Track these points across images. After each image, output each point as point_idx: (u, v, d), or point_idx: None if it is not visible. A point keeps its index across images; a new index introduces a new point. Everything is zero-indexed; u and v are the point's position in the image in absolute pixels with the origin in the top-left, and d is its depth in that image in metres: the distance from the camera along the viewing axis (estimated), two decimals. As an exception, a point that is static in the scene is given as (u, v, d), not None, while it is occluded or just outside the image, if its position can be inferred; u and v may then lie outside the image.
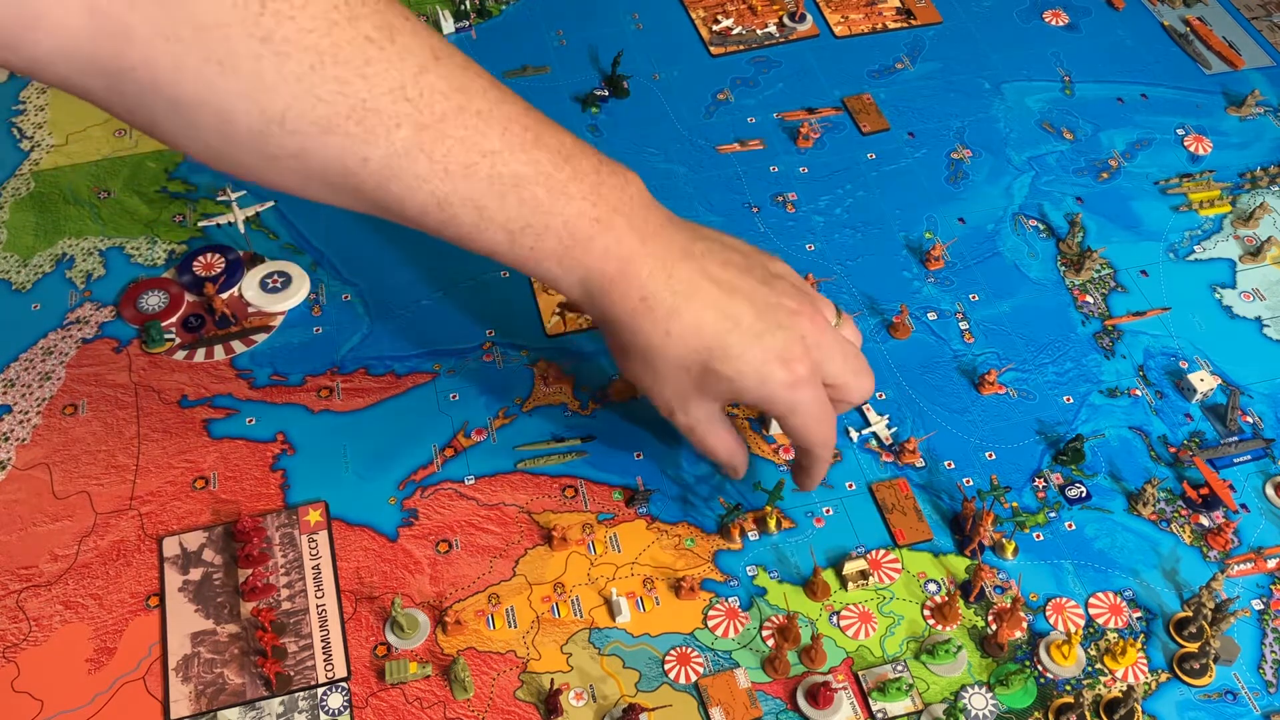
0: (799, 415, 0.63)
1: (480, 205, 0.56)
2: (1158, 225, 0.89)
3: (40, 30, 0.48)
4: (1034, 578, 0.69)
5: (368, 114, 0.52)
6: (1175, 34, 1.04)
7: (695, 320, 0.61)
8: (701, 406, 0.64)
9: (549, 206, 0.57)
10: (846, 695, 0.64)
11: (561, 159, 0.58)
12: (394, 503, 0.72)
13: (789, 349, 0.61)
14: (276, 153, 0.53)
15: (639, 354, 0.62)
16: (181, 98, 0.50)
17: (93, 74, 0.50)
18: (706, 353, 0.61)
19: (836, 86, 0.99)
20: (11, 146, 0.93)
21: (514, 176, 0.56)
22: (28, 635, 0.66)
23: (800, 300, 0.64)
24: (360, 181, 0.54)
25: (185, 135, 0.52)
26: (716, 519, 0.71)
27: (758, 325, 0.61)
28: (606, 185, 0.59)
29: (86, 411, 0.76)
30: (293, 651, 0.65)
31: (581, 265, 0.59)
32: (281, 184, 0.55)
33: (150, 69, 0.49)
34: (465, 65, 0.56)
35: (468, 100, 0.55)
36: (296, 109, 0.51)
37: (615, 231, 0.59)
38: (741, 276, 0.63)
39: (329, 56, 0.50)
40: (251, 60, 0.49)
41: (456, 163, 0.55)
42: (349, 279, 0.84)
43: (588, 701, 0.64)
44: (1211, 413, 0.77)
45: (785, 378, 0.61)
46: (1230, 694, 0.64)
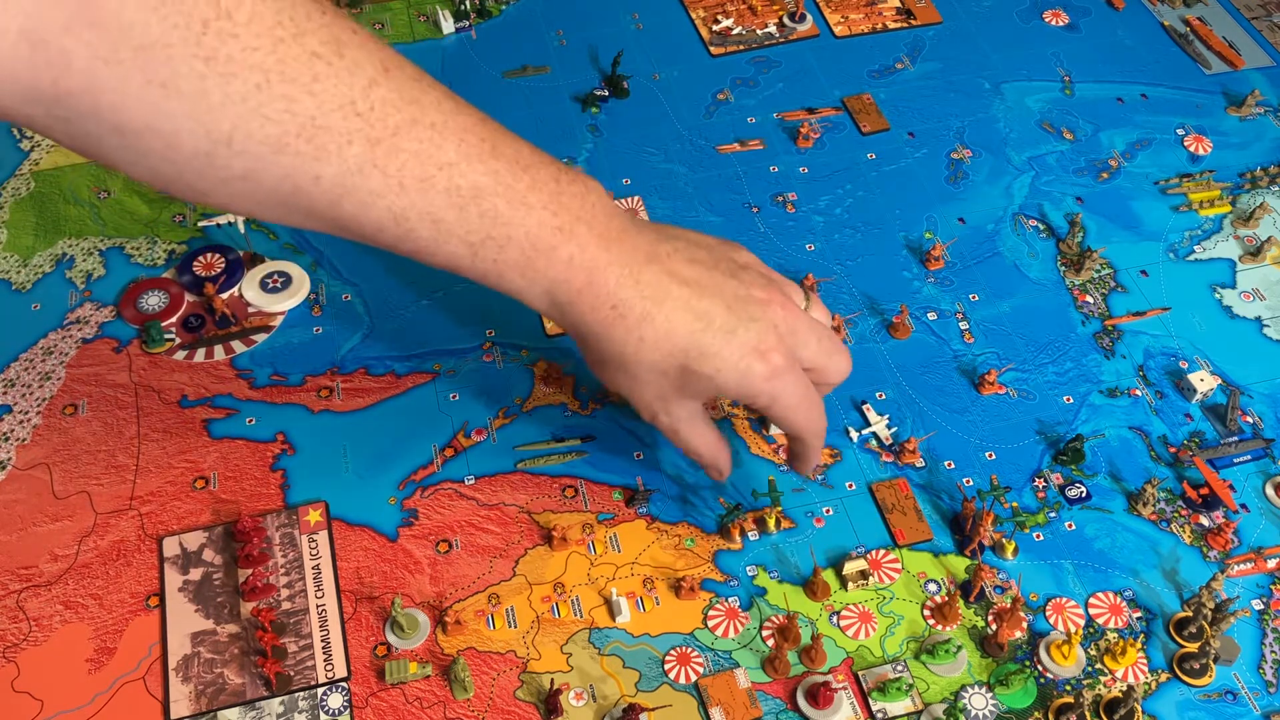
0: (782, 404, 0.63)
1: (438, 219, 0.55)
2: (1158, 225, 0.89)
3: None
4: (1034, 578, 0.69)
5: (318, 131, 0.51)
6: (1175, 34, 1.04)
7: (667, 323, 0.60)
8: (683, 406, 0.64)
9: (509, 217, 0.56)
10: (846, 695, 0.64)
11: (520, 169, 0.57)
12: (394, 503, 0.72)
13: (763, 340, 0.61)
14: (225, 175, 0.51)
15: (614, 362, 0.62)
16: (125, 123, 0.49)
17: (33, 102, 0.48)
18: (683, 355, 0.61)
19: (836, 86, 0.99)
20: (11, 146, 0.93)
21: (472, 188, 0.55)
22: (28, 635, 0.66)
23: (769, 289, 0.63)
24: (313, 200, 0.53)
25: (132, 161, 0.51)
26: (716, 519, 0.71)
27: (730, 320, 0.61)
28: (567, 193, 0.58)
29: (86, 411, 0.76)
30: (293, 651, 0.65)
31: (546, 276, 0.59)
32: (233, 206, 0.54)
33: (91, 95, 0.48)
34: (417, 77, 0.54)
35: (421, 112, 0.53)
36: (244, 129, 0.50)
37: (578, 239, 0.58)
38: (709, 273, 0.62)
39: (275, 74, 0.49)
40: (195, 81, 0.48)
41: (412, 177, 0.53)
42: (349, 279, 0.84)
43: (588, 701, 0.64)
44: (1211, 413, 0.77)
45: (763, 370, 0.61)
46: (1230, 694, 0.64)
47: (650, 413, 0.65)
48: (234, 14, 0.48)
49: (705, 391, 0.63)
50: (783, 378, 0.62)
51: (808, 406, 0.65)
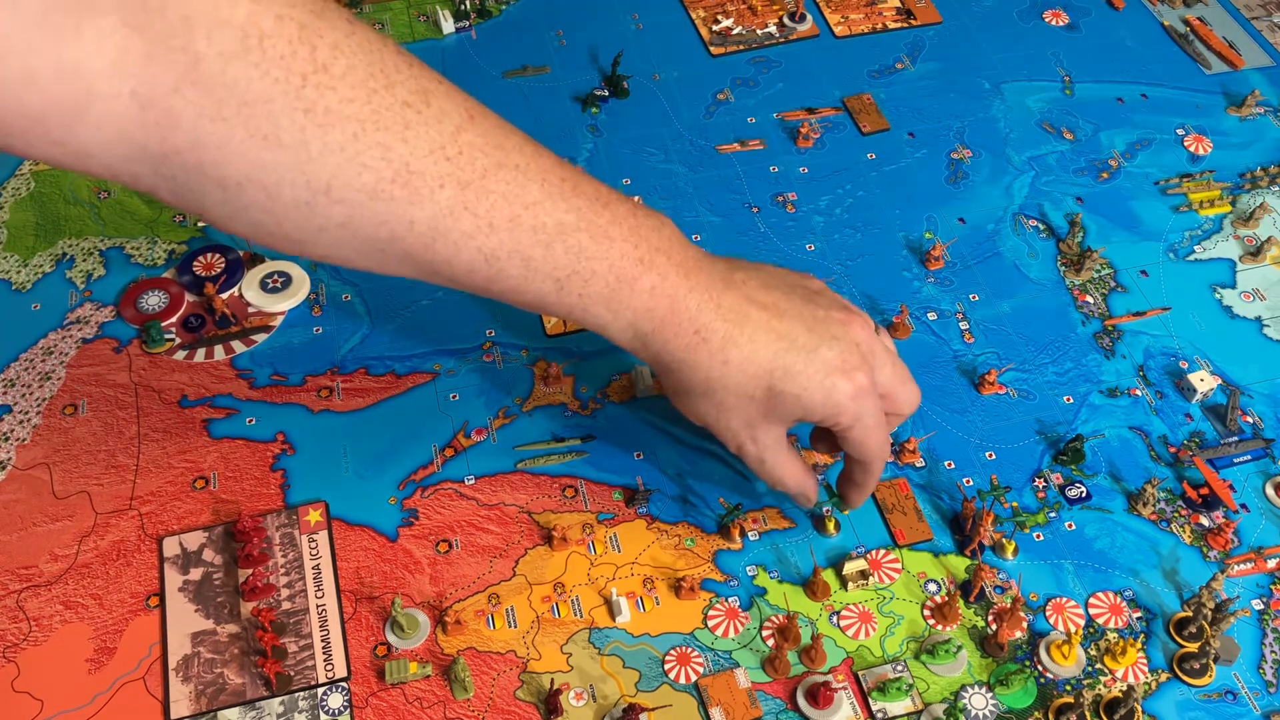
0: (864, 425, 0.63)
1: (526, 256, 0.57)
2: (1158, 225, 0.89)
3: (88, 122, 0.48)
4: (1034, 578, 0.69)
5: (411, 176, 0.53)
6: (1175, 34, 1.04)
7: (751, 345, 0.61)
8: (769, 433, 0.64)
9: (593, 251, 0.58)
10: (846, 695, 0.64)
11: (600, 205, 0.59)
12: (394, 503, 0.72)
13: (847, 359, 0.62)
14: (324, 223, 0.53)
15: (699, 389, 0.63)
16: (228, 177, 0.51)
17: (140, 161, 0.50)
18: (768, 376, 0.61)
19: (836, 86, 0.99)
20: (11, 146, 0.93)
21: (557, 225, 0.57)
22: (28, 635, 0.66)
23: (845, 311, 0.64)
24: (408, 245, 0.55)
25: (233, 214, 0.53)
26: (716, 519, 0.71)
27: (812, 340, 0.62)
28: (644, 226, 0.60)
29: (86, 411, 0.76)
30: (293, 651, 0.65)
31: (629, 307, 0.60)
32: (330, 255, 0.56)
33: (196, 151, 0.50)
34: (500, 123, 0.57)
35: (505, 156, 0.56)
36: (342, 177, 0.52)
37: (659, 269, 0.60)
38: (785, 297, 0.63)
39: (370, 123, 0.51)
40: (296, 133, 0.50)
41: (500, 216, 0.55)
42: (349, 279, 0.84)
43: (588, 701, 0.64)
44: (1211, 413, 0.77)
45: (849, 388, 0.62)
46: (1230, 694, 0.64)
47: (737, 441, 0.65)
48: (330, 68, 0.50)
49: (791, 413, 0.63)
50: (867, 397, 0.63)
51: (882, 431, 0.65)
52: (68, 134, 0.49)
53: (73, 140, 0.49)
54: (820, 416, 0.63)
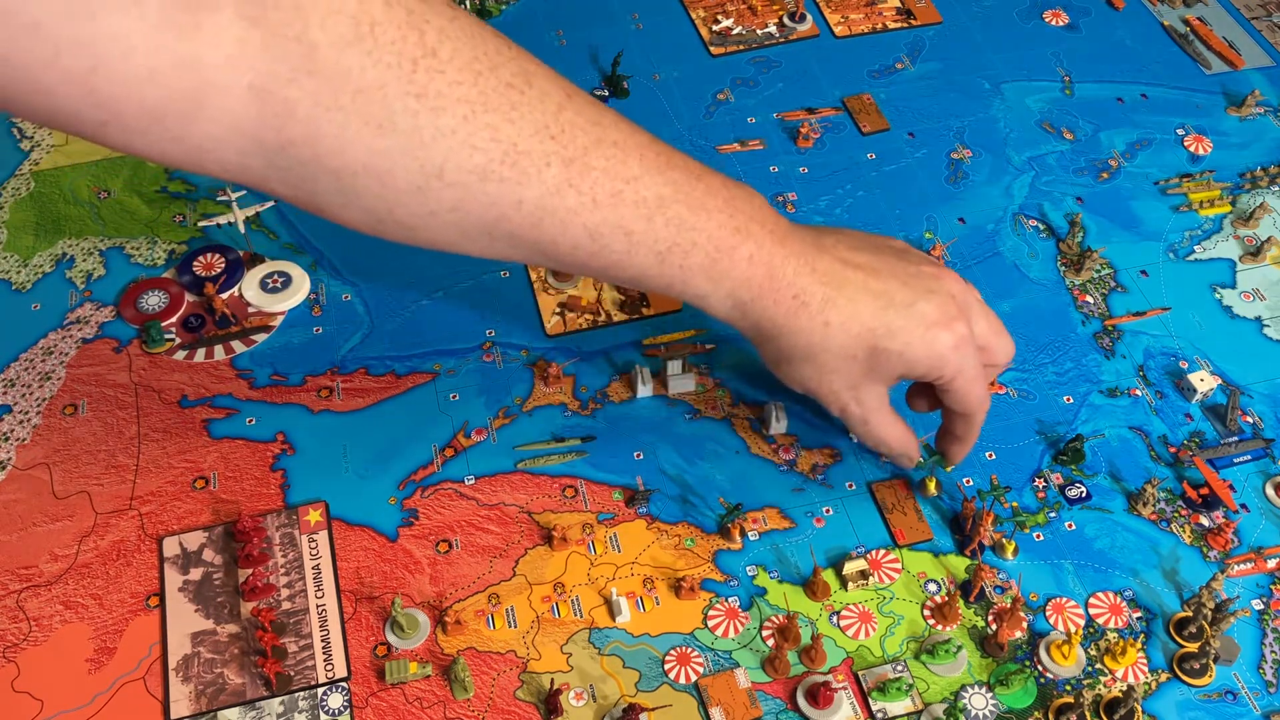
0: (966, 375, 0.64)
1: (629, 230, 0.58)
2: (1158, 225, 0.89)
3: (204, 118, 0.49)
4: (1034, 578, 0.69)
5: (519, 156, 0.54)
6: (1175, 34, 1.04)
7: (851, 306, 0.62)
8: (872, 392, 0.66)
9: (692, 223, 0.59)
10: (846, 695, 0.64)
11: (694, 178, 0.60)
12: (394, 503, 0.72)
13: (945, 310, 0.63)
14: (435, 207, 0.54)
15: (801, 353, 0.64)
16: (343, 166, 0.52)
17: (254, 154, 0.51)
18: (871, 335, 0.62)
19: (836, 86, 0.99)
20: (12, 146, 0.93)
21: (657, 198, 0.58)
22: (28, 635, 0.66)
23: (936, 265, 0.66)
24: (515, 226, 0.56)
25: (345, 204, 0.54)
26: (716, 519, 0.71)
27: (909, 295, 0.63)
28: (737, 197, 0.61)
29: (86, 411, 0.76)
30: (293, 651, 0.65)
31: (729, 276, 0.61)
32: (439, 240, 0.57)
33: (312, 141, 0.51)
34: (593, 102, 0.58)
35: (604, 132, 0.57)
36: (454, 160, 0.53)
37: (755, 238, 0.61)
38: (876, 256, 0.64)
39: (479, 105, 0.52)
40: (409, 117, 0.51)
41: (603, 192, 0.57)
42: (349, 279, 0.84)
43: (588, 701, 0.64)
44: (1211, 413, 0.77)
45: (950, 339, 0.63)
46: (1230, 694, 0.64)
47: (840, 403, 0.66)
48: (438, 52, 0.51)
49: (894, 371, 0.64)
50: (968, 347, 0.64)
51: (982, 382, 0.66)
52: (186, 129, 0.49)
53: (191, 136, 0.50)
54: (923, 370, 0.64)
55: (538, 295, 0.83)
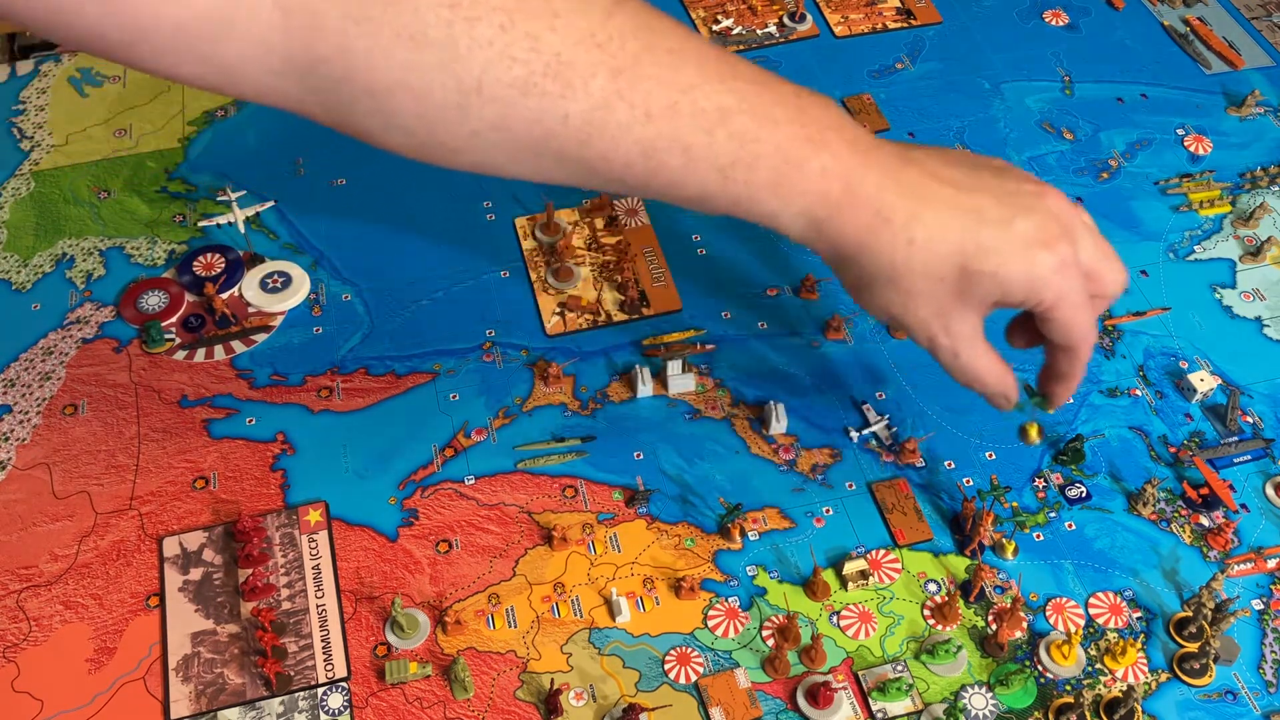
0: (1069, 303, 0.58)
1: (687, 145, 0.54)
2: (1158, 225, 0.89)
3: (233, 37, 0.48)
4: (1034, 578, 0.69)
5: (563, 67, 0.50)
6: (1175, 34, 1.04)
7: (938, 222, 0.56)
8: (964, 321, 0.59)
9: (758, 134, 0.54)
10: (846, 695, 0.64)
11: (760, 86, 0.55)
12: (394, 503, 0.72)
13: (1046, 229, 0.57)
14: (476, 125, 0.51)
15: (884, 277, 0.58)
16: (377, 82, 0.50)
17: (287, 74, 0.50)
18: (960, 254, 0.56)
19: (836, 86, 0.99)
20: (11, 146, 0.93)
21: (718, 109, 0.53)
22: (28, 635, 0.66)
23: (1038, 183, 0.60)
24: (563, 143, 0.52)
25: (384, 125, 0.52)
26: (716, 519, 0.71)
27: (1004, 212, 0.57)
28: (810, 105, 0.56)
29: (86, 411, 0.76)
30: (293, 651, 0.65)
31: (800, 192, 0.56)
32: (484, 162, 0.54)
33: (344, 57, 0.49)
34: (646, 6, 0.54)
35: (657, 38, 0.53)
36: (492, 73, 0.50)
37: (831, 148, 0.56)
38: (970, 173, 0.59)
39: (517, 13, 0.49)
40: (443, 29, 0.49)
41: (657, 104, 0.52)
42: (349, 279, 0.84)
43: (588, 701, 0.64)
44: (1211, 413, 0.77)
45: (1052, 260, 0.57)
46: (1230, 694, 0.64)
47: (927, 333, 0.60)
48: None
49: (987, 295, 0.58)
50: (1071, 270, 0.57)
51: (1088, 311, 0.59)
52: (214, 48, 0.48)
53: (219, 55, 0.48)
54: (1021, 297, 0.58)
55: (538, 295, 0.83)
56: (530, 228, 0.87)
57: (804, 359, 0.80)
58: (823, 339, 0.81)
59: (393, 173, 0.90)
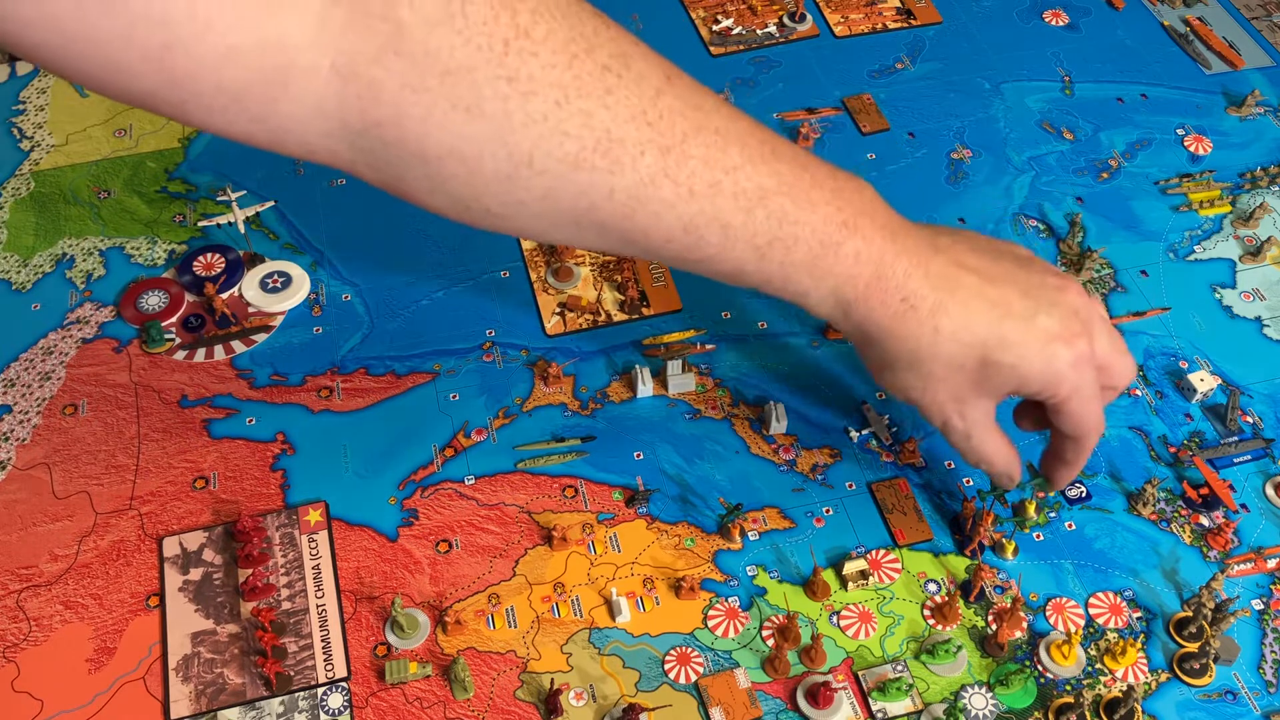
0: (1080, 396, 0.60)
1: (726, 223, 0.55)
2: (1158, 225, 0.89)
3: (287, 98, 0.48)
4: (1034, 578, 0.69)
5: (613, 144, 0.51)
6: (1175, 34, 1.04)
7: (964, 313, 0.58)
8: (978, 408, 0.62)
9: (796, 216, 0.56)
10: (846, 695, 0.64)
11: (800, 168, 0.56)
12: (394, 503, 0.72)
13: (1067, 326, 0.59)
14: (524, 196, 0.52)
15: (906, 361, 0.60)
16: (429, 150, 0.50)
17: (338, 136, 0.50)
18: (982, 346, 0.58)
19: (836, 86, 0.99)
20: (11, 146, 0.93)
21: (758, 190, 0.55)
22: (28, 635, 0.66)
23: (1060, 276, 0.61)
24: (606, 216, 0.53)
25: (432, 190, 0.52)
26: (716, 519, 0.71)
27: (1029, 306, 0.59)
28: (846, 189, 0.58)
29: (86, 411, 0.76)
30: (293, 651, 0.65)
31: (833, 273, 0.58)
32: (525, 229, 0.55)
33: (397, 124, 0.49)
34: (694, 84, 0.55)
35: (705, 119, 0.54)
36: (544, 147, 0.50)
37: (863, 233, 0.57)
38: (995, 262, 0.60)
39: (573, 90, 0.50)
40: (499, 102, 0.49)
41: (701, 182, 0.54)
42: (349, 279, 0.84)
43: (588, 701, 0.64)
44: (1211, 413, 0.77)
45: (1069, 355, 0.59)
46: (1230, 694, 0.64)
47: (943, 416, 0.62)
48: (531, 33, 0.48)
49: (1005, 385, 0.60)
50: (1087, 365, 0.59)
51: (1098, 404, 0.62)
52: (268, 110, 0.48)
53: (273, 116, 0.48)
54: (1036, 388, 0.60)
55: (538, 295, 0.83)
56: (530, 228, 0.87)
57: (804, 359, 0.80)
58: (823, 339, 0.81)
59: (393, 173, 0.90)
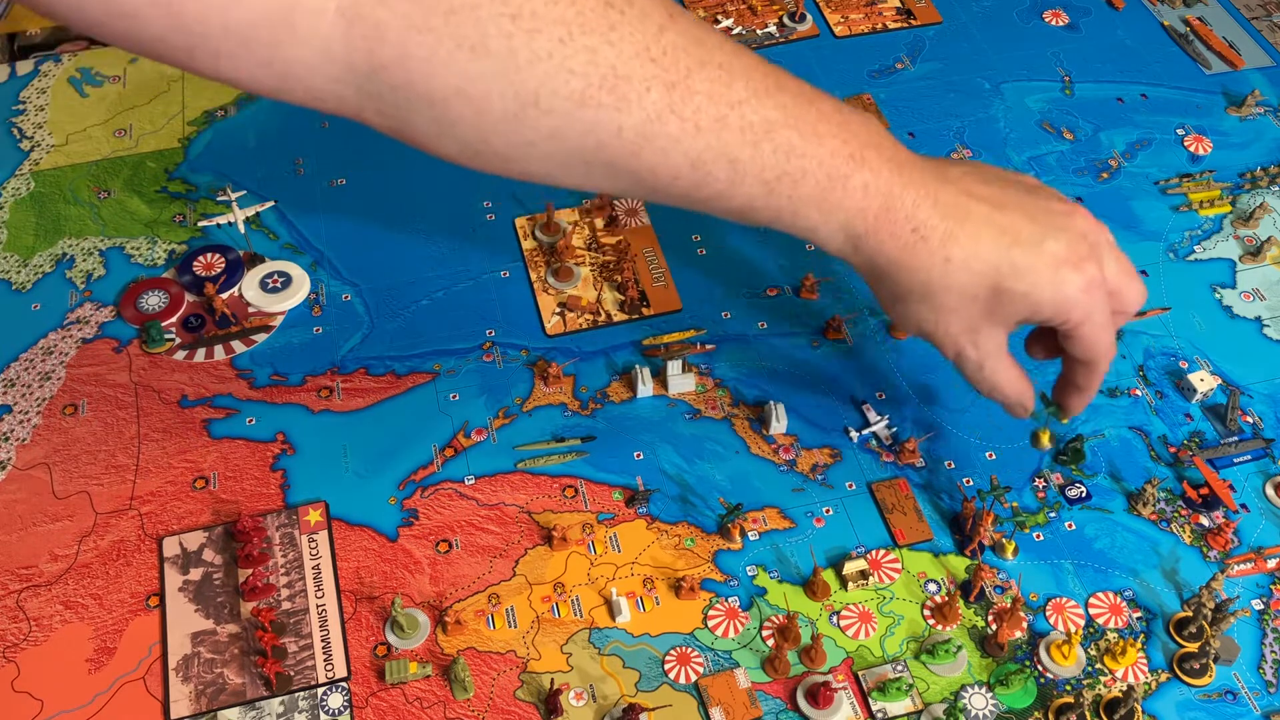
0: (1092, 321, 0.61)
1: (734, 158, 0.55)
2: (1158, 225, 0.89)
3: (294, 41, 0.49)
4: (1034, 578, 0.69)
5: (619, 81, 0.51)
6: (1175, 34, 1.04)
7: (973, 241, 0.59)
8: (992, 337, 0.62)
9: (803, 149, 0.56)
10: (846, 695, 0.64)
11: (805, 101, 0.56)
12: (394, 503, 0.72)
13: (1075, 249, 0.59)
14: (532, 136, 0.52)
15: (918, 292, 0.60)
16: (435, 91, 0.50)
17: (345, 80, 0.50)
18: (994, 273, 0.59)
19: (836, 86, 0.99)
20: (11, 146, 0.93)
21: (765, 123, 0.55)
22: (28, 635, 0.66)
23: (1067, 202, 0.62)
24: (614, 154, 0.54)
25: (439, 133, 0.52)
26: (716, 519, 0.71)
27: (1037, 232, 0.59)
28: (853, 122, 0.58)
29: (86, 411, 0.76)
30: (293, 651, 0.65)
31: (842, 207, 0.58)
32: (534, 171, 0.55)
33: (403, 65, 0.49)
34: (697, 21, 0.55)
35: (708, 54, 0.54)
36: (550, 85, 0.50)
37: (871, 165, 0.57)
38: (1003, 191, 0.61)
39: (576, 27, 0.50)
40: (503, 40, 0.49)
41: (707, 117, 0.54)
42: (349, 279, 0.84)
43: (588, 701, 0.64)
44: (1211, 413, 0.77)
45: (1080, 280, 0.59)
46: (1230, 694, 0.64)
47: (956, 347, 0.63)
48: None
49: (1017, 313, 0.60)
50: (1097, 290, 0.60)
51: (1110, 329, 0.62)
52: (274, 53, 0.49)
53: (279, 60, 0.49)
54: (1048, 314, 0.60)
55: (538, 295, 0.83)
56: (530, 228, 0.87)
57: (804, 359, 0.80)
58: (823, 339, 0.81)
59: (392, 173, 0.90)
